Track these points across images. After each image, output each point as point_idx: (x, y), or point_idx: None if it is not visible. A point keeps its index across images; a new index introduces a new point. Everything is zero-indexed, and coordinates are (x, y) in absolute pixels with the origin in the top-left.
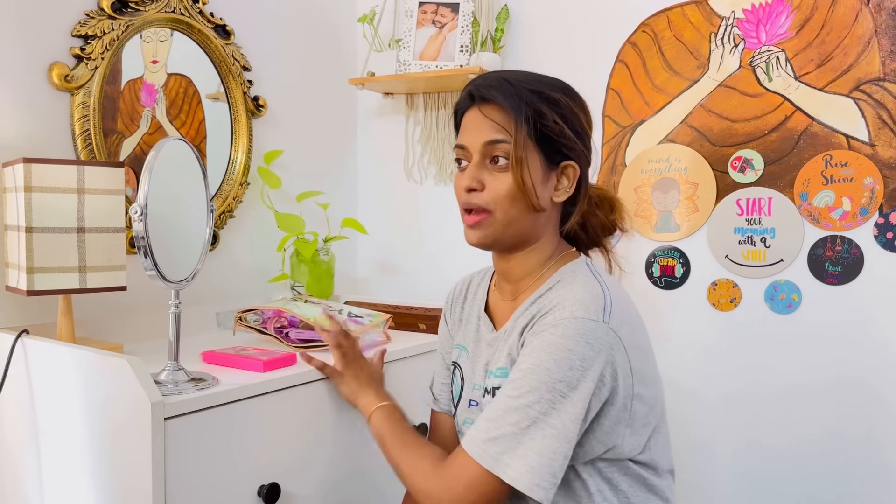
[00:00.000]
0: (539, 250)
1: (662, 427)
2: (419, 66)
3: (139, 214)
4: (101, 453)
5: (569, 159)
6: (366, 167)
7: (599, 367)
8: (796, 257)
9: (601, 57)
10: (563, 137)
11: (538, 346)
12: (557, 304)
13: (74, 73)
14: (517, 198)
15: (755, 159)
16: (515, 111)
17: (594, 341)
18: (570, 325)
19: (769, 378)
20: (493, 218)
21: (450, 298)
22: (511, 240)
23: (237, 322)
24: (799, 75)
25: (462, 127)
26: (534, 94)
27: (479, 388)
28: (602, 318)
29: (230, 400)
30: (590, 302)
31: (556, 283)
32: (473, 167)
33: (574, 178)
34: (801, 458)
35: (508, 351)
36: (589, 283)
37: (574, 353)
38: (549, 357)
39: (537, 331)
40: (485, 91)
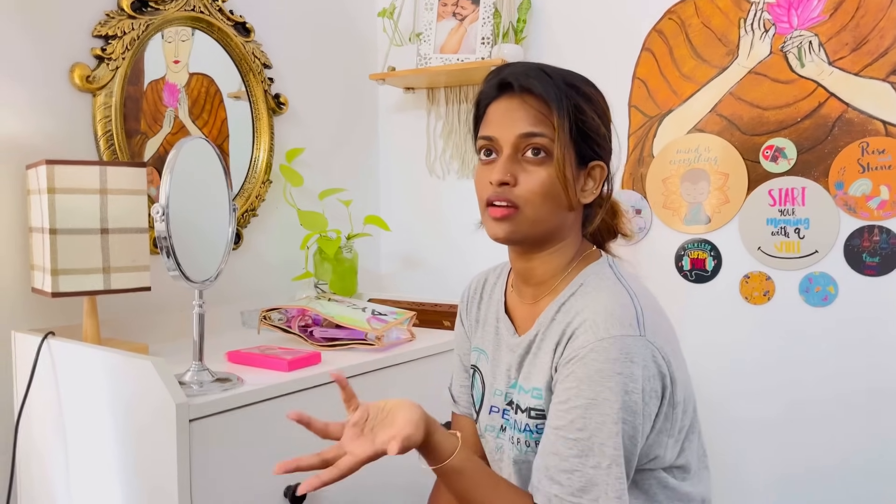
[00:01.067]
0: (562, 251)
1: (695, 425)
2: (440, 60)
3: (161, 215)
4: (127, 454)
5: (598, 159)
6: (388, 163)
7: (650, 383)
8: (832, 248)
9: (626, 46)
10: (598, 136)
11: (585, 376)
12: (588, 321)
13: (96, 73)
14: (549, 195)
15: (788, 148)
16: (557, 103)
17: (638, 358)
18: (611, 346)
19: (804, 373)
20: (522, 214)
21: (465, 298)
22: (537, 238)
23: (261, 321)
24: (833, 60)
25: (489, 118)
26: (571, 88)
27: (500, 394)
28: (638, 332)
29: (255, 400)
30: (622, 315)
31: (580, 287)
32: (506, 160)
33: (601, 178)
34: (839, 457)
35: (541, 369)
36: (616, 291)
37: (624, 375)
38: (601, 387)
39: (577, 357)
40: (523, 80)
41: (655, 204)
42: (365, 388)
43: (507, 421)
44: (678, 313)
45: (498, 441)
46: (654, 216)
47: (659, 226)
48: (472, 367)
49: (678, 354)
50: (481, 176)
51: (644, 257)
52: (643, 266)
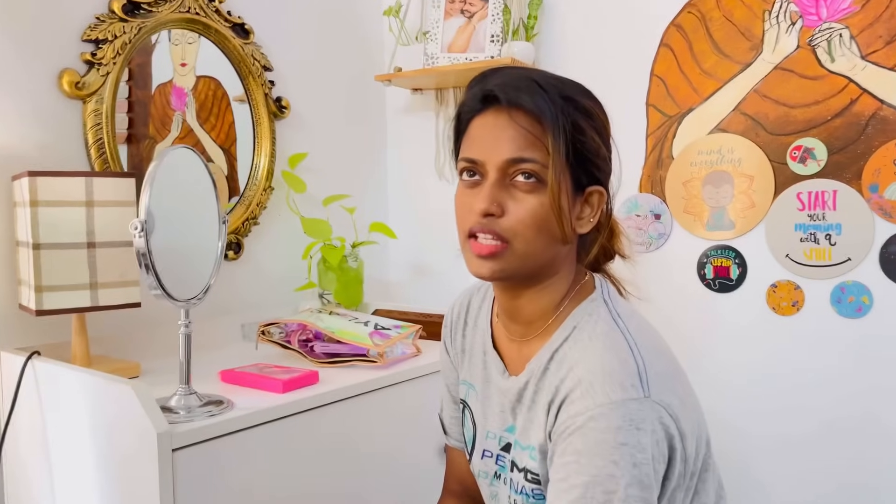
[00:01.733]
0: (554, 287)
1: (709, 461)
2: (448, 59)
3: (139, 231)
4: (111, 484)
5: (597, 183)
6: (395, 167)
7: (658, 448)
8: (866, 256)
9: (643, 41)
10: (598, 158)
11: (584, 448)
12: (584, 381)
13: (85, 79)
14: (542, 226)
15: (817, 148)
16: (552, 123)
17: (644, 424)
18: (612, 413)
19: (835, 389)
20: (512, 249)
21: (448, 323)
22: (527, 274)
23: (259, 336)
24: (865, 54)
25: (472, 135)
26: (568, 101)
27: (493, 437)
28: (642, 393)
29: (246, 426)
30: (622, 374)
31: (573, 330)
32: (492, 186)
33: (600, 205)
34: (869, 476)
35: (536, 427)
36: (612, 340)
37: (629, 445)
38: (604, 460)
39: (573, 426)
40: (512, 93)
41: (676, 208)
42: (366, 408)
43: (501, 468)
44: (700, 324)
45: (492, 489)
46: (675, 221)
47: (679, 232)
48: (461, 401)
49: (683, 398)
50: (463, 201)
51: (664, 265)
52: (663, 275)
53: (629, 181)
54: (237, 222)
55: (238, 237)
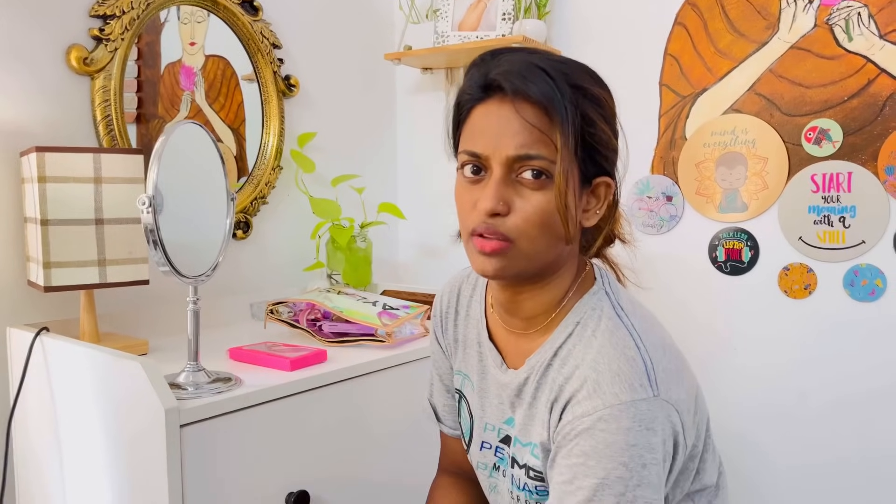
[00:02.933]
0: (557, 283)
1: (708, 443)
2: (458, 38)
3: (147, 206)
4: (118, 459)
5: (605, 174)
6: (405, 148)
7: (666, 447)
8: (881, 239)
9: (657, 20)
10: (608, 149)
11: (592, 450)
12: (589, 381)
13: (93, 55)
14: (549, 225)
15: (832, 129)
16: (561, 115)
17: (653, 424)
18: (622, 414)
19: (848, 373)
20: (516, 248)
21: (437, 313)
22: (531, 273)
23: (268, 315)
24: (884, 33)
25: (473, 126)
26: (577, 90)
27: (492, 429)
28: (652, 392)
29: (253, 403)
30: (630, 373)
31: (576, 326)
32: (496, 183)
33: (607, 197)
34: (882, 458)
35: (538, 424)
36: (618, 338)
37: (639, 446)
38: (613, 462)
39: (582, 426)
40: (517, 81)
41: (688, 190)
42: (374, 387)
43: (500, 460)
44: (711, 308)
45: (491, 480)
46: (687, 203)
47: (691, 214)
48: (456, 391)
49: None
50: (465, 196)
51: (675, 247)
52: (674, 257)
53: (641, 162)
54: (246, 201)
55: (247, 216)
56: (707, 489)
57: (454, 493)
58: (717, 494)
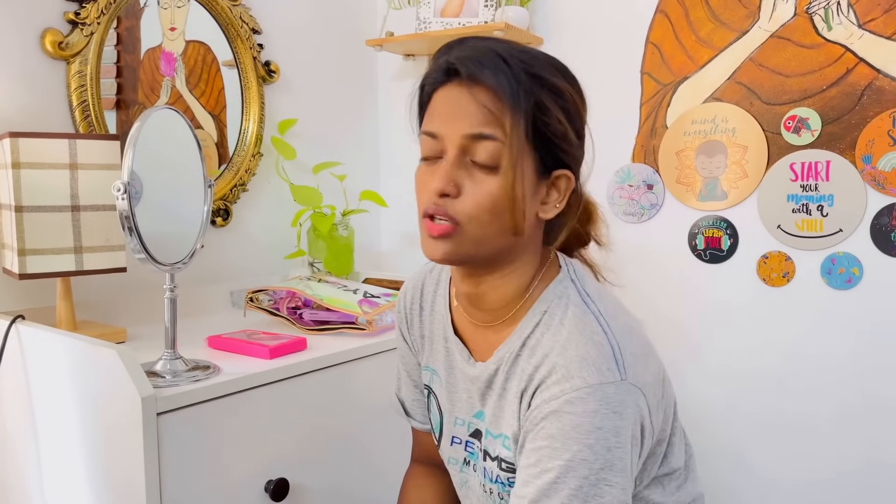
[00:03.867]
0: (517, 274)
1: (676, 427)
2: (440, 24)
3: (122, 193)
4: (96, 448)
5: (564, 167)
6: (388, 135)
7: (633, 431)
8: (857, 227)
9: (639, 8)
10: (565, 141)
11: (560, 433)
12: (559, 367)
13: (69, 39)
14: (499, 212)
15: (811, 118)
16: (512, 101)
17: (620, 407)
18: (589, 396)
19: (825, 359)
20: (463, 232)
21: (401, 309)
22: (482, 260)
23: (248, 303)
24: (863, 22)
25: (433, 108)
26: (534, 79)
27: (462, 424)
28: (619, 376)
29: (232, 391)
30: (597, 358)
31: (543, 315)
32: (449, 164)
33: (567, 190)
34: (856, 449)
35: (509, 415)
36: (585, 323)
37: (605, 430)
38: (579, 444)
39: (548, 409)
40: (473, 67)
41: (668, 179)
42: (353, 375)
43: (470, 454)
44: (691, 295)
45: (462, 475)
46: (667, 192)
47: (672, 202)
48: (425, 387)
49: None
50: (421, 179)
51: (655, 236)
52: (654, 245)
53: (622, 150)
54: (225, 188)
55: (226, 203)
56: (675, 472)
57: (426, 483)
58: (687, 477)
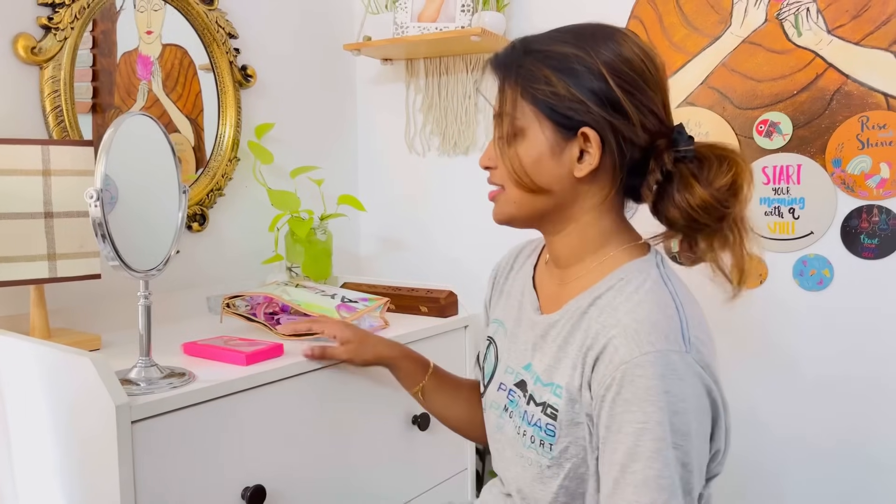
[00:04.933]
0: (578, 233)
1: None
2: (417, 29)
3: (94, 199)
4: (71, 457)
5: (585, 125)
6: (365, 139)
7: (700, 401)
8: (828, 229)
9: (614, 13)
10: (557, 98)
11: (633, 397)
12: (630, 329)
13: (42, 44)
14: (526, 172)
15: (783, 122)
16: (505, 78)
17: (685, 375)
18: (656, 360)
19: (798, 360)
20: (504, 195)
21: (495, 267)
22: (529, 219)
23: (224, 309)
24: (832, 28)
25: None
26: (527, 53)
27: (511, 373)
28: (684, 348)
29: (207, 398)
30: (666, 326)
31: (619, 281)
32: (490, 143)
33: (594, 146)
34: (831, 443)
35: (566, 366)
36: (660, 295)
37: (672, 394)
38: (652, 406)
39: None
40: (494, 57)
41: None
42: (331, 381)
43: (511, 402)
44: None
45: (500, 421)
46: None
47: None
48: (488, 338)
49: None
50: None
51: None
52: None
53: None
54: (202, 193)
55: (203, 208)
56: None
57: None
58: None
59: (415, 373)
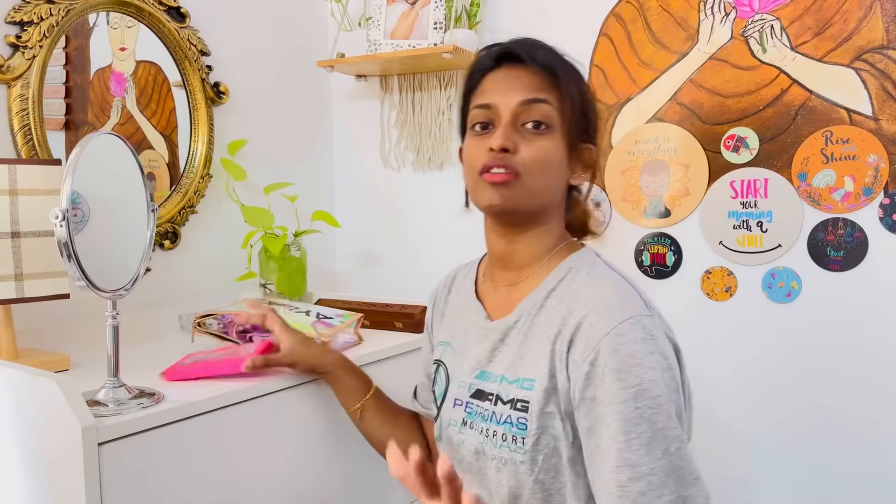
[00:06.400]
0: (546, 234)
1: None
2: (391, 46)
3: (60, 220)
4: (36, 480)
5: (590, 142)
6: (341, 154)
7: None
8: (795, 242)
9: (583, 31)
10: (594, 115)
11: (621, 364)
12: (599, 306)
13: (10, 63)
14: (550, 166)
15: (749, 137)
16: (564, 74)
17: (658, 334)
18: (633, 327)
19: (767, 371)
20: (522, 182)
21: (432, 293)
22: (530, 212)
23: (195, 328)
24: (795, 45)
25: (485, 87)
26: (572, 66)
27: (465, 386)
28: (649, 312)
29: (177, 418)
30: (629, 297)
31: (569, 271)
32: (505, 127)
33: (591, 162)
34: (800, 456)
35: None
36: (612, 277)
37: (656, 353)
38: (642, 367)
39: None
40: (530, 50)
41: (615, 197)
42: (305, 398)
43: (469, 413)
44: None
45: (460, 436)
46: (614, 210)
47: (618, 220)
48: (435, 361)
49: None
50: (475, 146)
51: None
52: None
53: None
54: (173, 211)
55: (175, 226)
56: None
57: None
58: None
59: (356, 389)
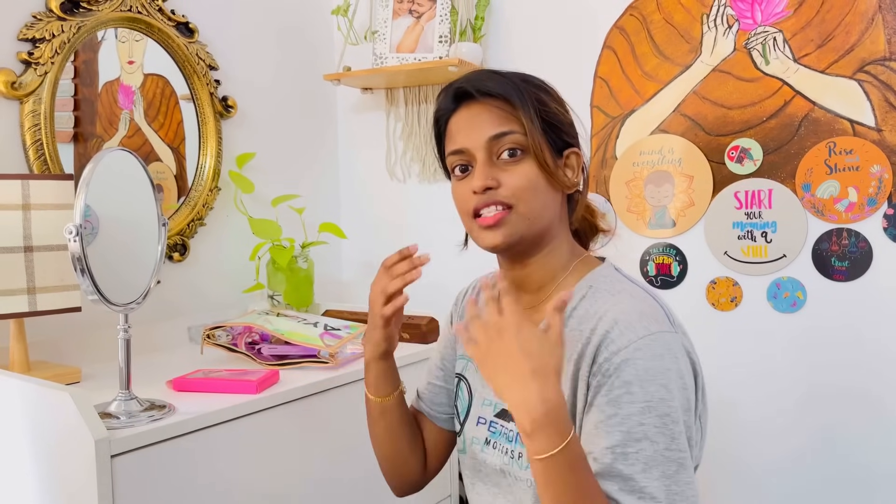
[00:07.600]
0: (557, 251)
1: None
2: (396, 59)
3: (74, 235)
4: (50, 492)
5: (572, 146)
6: (347, 167)
7: (692, 376)
8: (800, 253)
9: (587, 43)
10: (565, 123)
11: (634, 377)
12: (620, 322)
13: (22, 79)
14: (538, 187)
15: (753, 148)
16: (519, 99)
17: (678, 353)
18: (654, 342)
19: (773, 381)
20: (516, 212)
21: (458, 299)
22: (534, 237)
23: (205, 340)
24: (798, 57)
25: (452, 131)
26: (526, 82)
27: (489, 404)
28: (672, 329)
29: (187, 430)
30: (653, 313)
31: (589, 289)
32: (482, 167)
33: (579, 165)
34: (805, 464)
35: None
36: (635, 292)
37: (672, 371)
38: (656, 385)
39: (621, 360)
40: (479, 84)
41: (619, 208)
42: (317, 408)
43: (493, 433)
44: None
45: (483, 455)
46: (619, 220)
47: (623, 230)
48: (457, 375)
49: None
50: (460, 191)
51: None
52: None
53: None
54: (182, 223)
55: (183, 238)
56: None
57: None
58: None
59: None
